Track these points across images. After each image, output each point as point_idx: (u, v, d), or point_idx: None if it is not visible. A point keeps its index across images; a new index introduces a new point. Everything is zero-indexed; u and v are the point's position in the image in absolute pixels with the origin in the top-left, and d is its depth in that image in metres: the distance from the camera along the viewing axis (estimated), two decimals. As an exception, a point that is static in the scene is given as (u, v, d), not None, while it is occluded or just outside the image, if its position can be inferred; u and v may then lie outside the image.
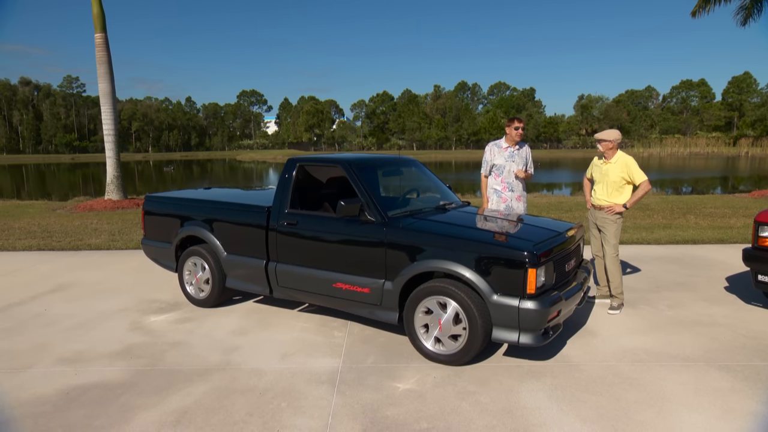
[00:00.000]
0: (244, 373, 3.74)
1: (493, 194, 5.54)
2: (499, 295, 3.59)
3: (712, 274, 6.29)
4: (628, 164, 4.88)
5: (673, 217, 10.79)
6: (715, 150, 73.64)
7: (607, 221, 4.96)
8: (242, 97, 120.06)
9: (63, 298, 5.57)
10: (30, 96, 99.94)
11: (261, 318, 4.88)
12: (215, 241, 4.98)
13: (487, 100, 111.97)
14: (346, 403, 3.29)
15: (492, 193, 5.56)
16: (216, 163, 67.76)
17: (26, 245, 8.32)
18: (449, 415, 3.14)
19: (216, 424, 3.06)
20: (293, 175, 4.67)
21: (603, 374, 3.66)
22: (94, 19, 13.57)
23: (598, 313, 4.95)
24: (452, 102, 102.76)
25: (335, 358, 3.97)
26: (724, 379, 3.57)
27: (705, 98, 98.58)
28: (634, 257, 7.15)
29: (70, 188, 27.93)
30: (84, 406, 3.26)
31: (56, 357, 4.03)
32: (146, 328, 4.63)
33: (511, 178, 5.46)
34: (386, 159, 5.06)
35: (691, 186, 25.42)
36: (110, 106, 13.85)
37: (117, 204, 13.44)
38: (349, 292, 4.22)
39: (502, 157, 5.48)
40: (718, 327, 4.54)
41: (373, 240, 4.07)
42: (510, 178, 5.46)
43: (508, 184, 5.47)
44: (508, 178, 5.47)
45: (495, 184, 5.53)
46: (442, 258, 3.77)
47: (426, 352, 3.90)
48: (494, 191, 5.54)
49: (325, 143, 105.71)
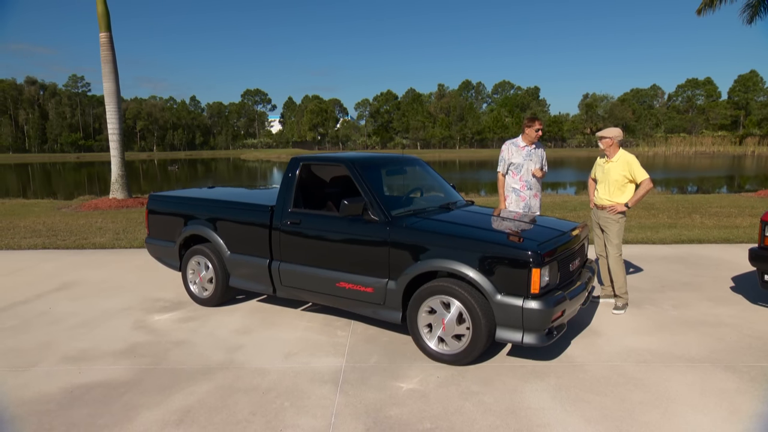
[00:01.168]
0: (248, 372, 3.74)
1: (512, 193, 5.54)
2: (503, 294, 3.57)
3: (718, 273, 6.25)
4: (629, 162, 4.85)
5: (679, 217, 10.73)
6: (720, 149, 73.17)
7: (610, 221, 4.93)
8: (246, 96, 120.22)
9: (67, 296, 5.59)
10: (36, 95, 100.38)
11: (264, 317, 4.88)
12: (219, 240, 4.99)
13: (492, 99, 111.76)
14: (349, 403, 3.28)
15: (510, 192, 5.55)
16: (220, 162, 67.89)
17: (31, 244, 8.36)
18: (452, 415, 3.12)
19: (219, 423, 3.06)
20: (296, 174, 4.67)
21: (607, 374, 3.64)
22: (99, 18, 13.60)
23: (603, 312, 4.92)
24: (456, 101, 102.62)
25: (338, 358, 3.97)
26: (730, 380, 3.54)
27: (711, 97, 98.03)
28: (639, 257, 7.11)
29: (76, 187, 28.01)
30: (87, 405, 3.27)
31: (60, 355, 4.04)
32: (150, 327, 4.64)
33: (529, 176, 5.48)
34: (390, 158, 5.05)
35: (697, 185, 25.28)
36: (115, 105, 13.89)
37: (122, 203, 13.48)
38: (353, 291, 4.22)
39: (520, 156, 5.47)
40: (724, 327, 4.51)
41: (376, 239, 4.06)
42: (528, 177, 5.48)
43: (527, 182, 5.47)
44: (526, 176, 5.48)
45: (513, 182, 5.53)
46: (446, 257, 3.76)
47: (429, 351, 3.89)
48: (513, 190, 5.54)
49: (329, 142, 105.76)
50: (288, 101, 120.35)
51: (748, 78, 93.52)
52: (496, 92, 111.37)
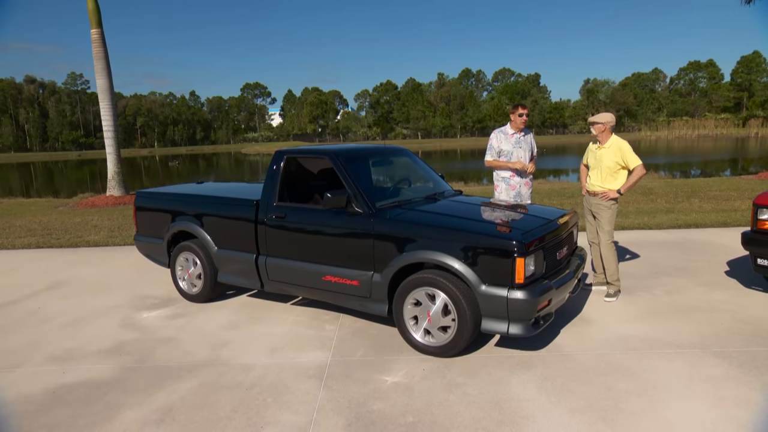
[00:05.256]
0: (232, 368, 3.71)
1: (501, 182, 5.46)
2: (488, 285, 3.53)
3: (713, 258, 6.18)
4: (621, 148, 4.78)
5: (677, 201, 10.63)
6: (724, 131, 72.65)
7: (602, 207, 4.87)
8: (246, 89, 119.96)
9: (58, 295, 5.58)
10: (35, 94, 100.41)
11: (253, 312, 4.86)
12: (206, 236, 4.95)
13: (492, 87, 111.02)
14: (332, 398, 3.25)
15: (500, 181, 5.47)
16: (221, 156, 67.86)
17: (25, 243, 8.35)
18: (436, 408, 3.09)
19: (200, 421, 3.04)
20: (281, 167, 4.61)
21: (595, 363, 3.60)
22: (90, 14, 13.51)
23: (594, 300, 4.87)
24: (456, 90, 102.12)
25: (325, 352, 3.94)
26: (719, 366, 3.49)
27: (713, 79, 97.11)
28: (635, 243, 7.04)
29: (77, 185, 28.03)
30: (69, 405, 3.25)
31: (46, 355, 4.02)
32: (137, 325, 4.62)
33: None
34: (375, 149, 4.99)
35: (700, 169, 25.08)
36: (108, 101, 13.83)
37: (119, 200, 13.47)
38: (339, 284, 4.18)
39: (509, 144, 5.39)
40: (716, 312, 4.45)
41: (360, 231, 4.01)
42: None
43: (516, 170, 5.39)
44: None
45: (502, 171, 5.45)
46: (430, 249, 3.71)
47: (416, 344, 3.85)
48: (502, 179, 5.45)
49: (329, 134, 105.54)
50: (288, 94, 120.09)
51: (752, 59, 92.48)
52: (497, 80, 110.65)
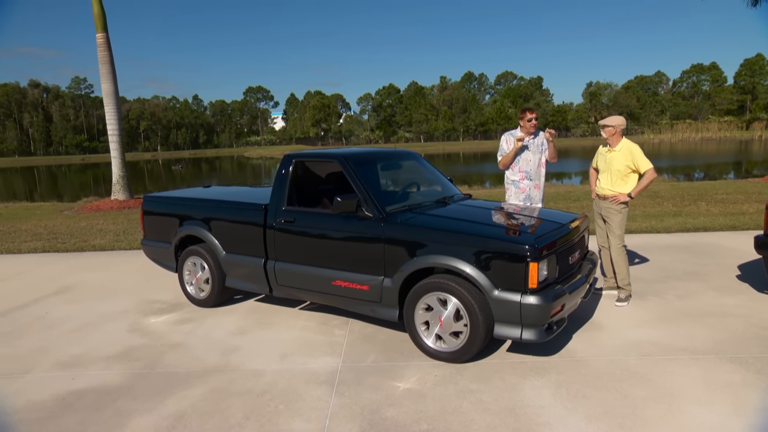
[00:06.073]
0: (243, 374, 3.68)
1: (511, 185, 5.45)
2: (501, 290, 3.49)
3: (724, 262, 6.13)
4: (632, 152, 4.74)
5: (684, 204, 10.58)
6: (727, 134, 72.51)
7: (612, 211, 4.83)
8: (249, 93, 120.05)
9: (65, 300, 5.56)
10: (39, 98, 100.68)
11: (261, 317, 4.82)
12: (214, 241, 4.92)
13: (495, 90, 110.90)
14: (344, 405, 3.22)
15: (510, 184, 5.46)
16: (224, 160, 67.91)
17: (31, 247, 8.34)
18: (450, 416, 3.05)
19: (211, 428, 3.00)
20: (290, 171, 4.59)
21: (610, 369, 3.55)
22: (95, 18, 13.55)
23: (605, 305, 4.83)
24: (459, 93, 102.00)
25: (335, 357, 3.90)
26: (736, 372, 3.45)
27: (716, 82, 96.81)
28: (643, 246, 7.00)
29: (81, 189, 28.09)
30: (79, 412, 3.22)
31: (54, 361, 4.00)
32: (145, 330, 4.59)
33: (528, 167, 5.37)
34: (384, 153, 4.96)
35: (704, 172, 24.99)
36: (113, 106, 13.85)
37: (123, 204, 13.47)
38: (349, 289, 4.14)
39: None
40: (730, 317, 4.40)
41: (370, 236, 3.98)
42: (527, 167, 5.38)
43: (526, 173, 5.37)
44: (525, 167, 5.38)
45: (512, 174, 5.43)
46: (442, 253, 3.67)
47: (427, 349, 3.82)
48: (512, 182, 5.44)
49: (332, 138, 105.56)
50: (290, 97, 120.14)
51: (755, 62, 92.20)
52: (499, 83, 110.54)
